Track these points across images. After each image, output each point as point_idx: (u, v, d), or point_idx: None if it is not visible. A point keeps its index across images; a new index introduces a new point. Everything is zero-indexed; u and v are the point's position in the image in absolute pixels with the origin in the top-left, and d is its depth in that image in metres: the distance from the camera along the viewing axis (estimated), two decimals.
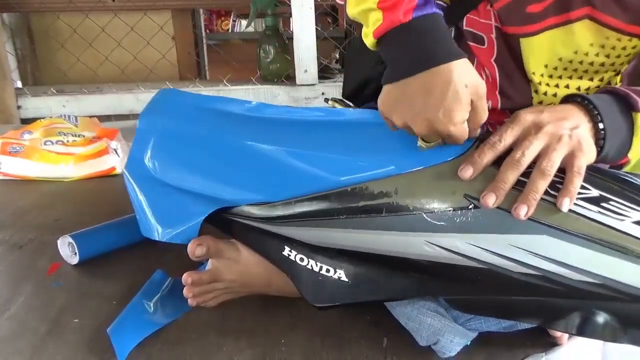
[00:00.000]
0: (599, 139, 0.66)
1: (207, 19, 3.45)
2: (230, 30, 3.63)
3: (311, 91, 2.30)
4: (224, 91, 2.31)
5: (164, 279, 0.95)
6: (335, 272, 0.75)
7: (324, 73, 2.33)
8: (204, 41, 2.97)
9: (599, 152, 0.67)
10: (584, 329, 0.66)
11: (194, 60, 2.82)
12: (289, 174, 0.76)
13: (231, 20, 3.69)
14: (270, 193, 0.76)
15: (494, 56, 0.85)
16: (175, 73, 2.71)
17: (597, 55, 0.79)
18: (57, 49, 2.54)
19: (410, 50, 0.67)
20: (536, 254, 0.63)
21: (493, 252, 0.64)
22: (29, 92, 2.29)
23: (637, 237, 0.62)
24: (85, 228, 1.09)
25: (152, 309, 0.88)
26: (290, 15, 2.27)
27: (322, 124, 0.80)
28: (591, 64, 0.80)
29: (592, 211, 0.63)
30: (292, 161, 0.75)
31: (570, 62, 0.81)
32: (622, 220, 0.63)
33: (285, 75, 2.35)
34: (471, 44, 0.86)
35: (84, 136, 1.66)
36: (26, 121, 2.15)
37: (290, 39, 2.30)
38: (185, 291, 0.86)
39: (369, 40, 0.72)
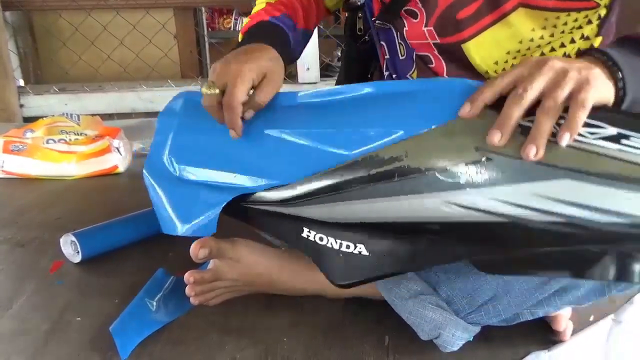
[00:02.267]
0: (618, 79, 0.61)
1: (209, 17, 3.44)
2: (232, 29, 3.62)
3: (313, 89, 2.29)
4: None
5: (166, 278, 0.95)
6: (355, 247, 0.74)
7: (326, 71, 2.33)
8: (206, 39, 2.97)
9: (618, 93, 0.61)
10: (621, 274, 0.60)
11: (196, 58, 2.82)
12: (301, 155, 0.76)
13: (233, 19, 3.68)
14: (285, 176, 0.76)
15: (445, 71, 0.86)
16: (177, 71, 2.71)
17: (541, 37, 0.79)
18: (59, 48, 2.55)
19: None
20: (559, 200, 0.59)
21: (514, 204, 0.61)
22: (31, 91, 2.29)
23: None
24: (88, 226, 1.09)
25: (155, 307, 0.88)
26: None
27: (325, 103, 0.80)
28: (539, 46, 0.80)
29: (612, 149, 0.59)
30: (303, 142, 0.76)
31: (518, 51, 0.80)
32: None
33: (287, 73, 2.35)
34: (430, 65, 0.87)
35: (86, 135, 1.66)
36: (28, 120, 2.16)
37: None
38: (187, 290, 0.86)
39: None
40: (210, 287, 0.87)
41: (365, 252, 0.73)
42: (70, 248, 1.05)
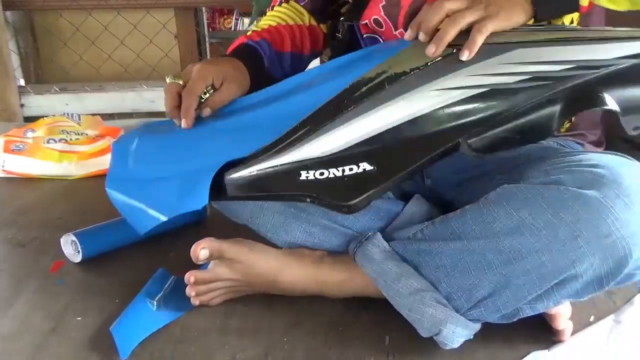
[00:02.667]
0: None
1: (210, 17, 3.44)
2: (233, 29, 3.62)
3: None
4: None
5: (167, 278, 0.95)
6: (358, 167, 0.76)
7: None
8: (207, 39, 2.97)
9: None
10: (587, 104, 0.76)
11: (197, 58, 2.82)
12: (288, 106, 0.83)
13: (234, 19, 3.68)
14: (274, 131, 0.79)
15: None
16: (177, 71, 2.71)
17: None
18: (60, 47, 2.55)
19: None
20: (520, 62, 0.74)
21: (489, 74, 0.74)
22: (32, 90, 2.29)
23: (577, 30, 0.82)
24: (88, 226, 1.09)
25: (155, 307, 0.88)
26: None
27: (292, 88, 0.87)
28: None
29: (544, 30, 0.78)
30: (288, 98, 0.85)
31: None
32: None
33: None
34: None
35: (86, 134, 1.66)
36: (29, 119, 2.15)
37: None
38: (187, 290, 0.87)
39: None
40: (211, 287, 0.87)
41: (369, 167, 0.76)
42: (70, 248, 1.05)
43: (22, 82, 2.45)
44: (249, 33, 1.00)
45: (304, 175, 0.77)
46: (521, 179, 0.78)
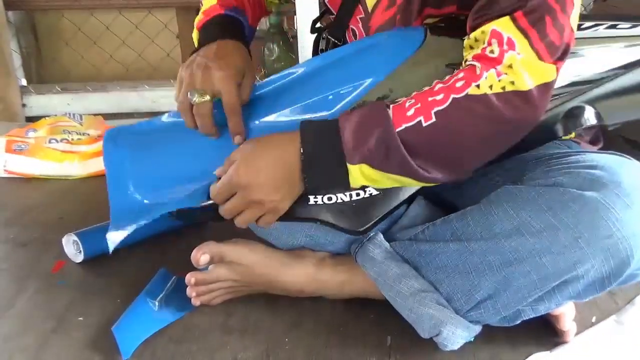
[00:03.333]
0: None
1: None
2: None
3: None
4: None
5: (168, 278, 0.95)
6: (364, 191, 0.78)
7: None
8: None
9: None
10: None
11: None
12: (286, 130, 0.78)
13: None
14: None
15: None
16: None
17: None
18: (62, 47, 2.54)
19: None
20: None
21: None
22: (33, 90, 2.29)
23: None
24: (90, 226, 1.09)
25: (157, 307, 0.88)
26: (295, 14, 2.26)
27: (285, 84, 0.85)
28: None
29: None
30: (280, 121, 0.81)
31: None
32: None
33: None
34: None
35: (88, 134, 1.66)
36: (31, 119, 2.15)
37: (295, 37, 2.29)
38: (188, 291, 0.87)
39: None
40: (211, 287, 0.87)
41: (374, 192, 0.78)
42: (72, 248, 1.05)
43: (23, 82, 2.45)
44: (212, 1, 0.93)
45: (312, 199, 0.78)
46: (521, 179, 0.78)
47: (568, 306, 0.80)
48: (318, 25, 0.98)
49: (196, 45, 0.89)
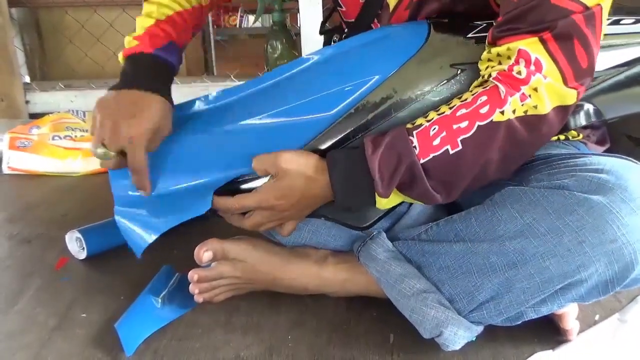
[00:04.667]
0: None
1: (215, 15, 3.44)
2: (237, 26, 3.63)
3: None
4: (231, 86, 2.31)
5: (171, 275, 0.95)
6: None
7: None
8: (212, 36, 2.97)
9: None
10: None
11: (202, 55, 2.82)
12: (286, 131, 0.79)
13: (239, 16, 3.69)
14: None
15: None
16: (182, 68, 2.70)
17: None
18: (65, 44, 2.55)
19: None
20: None
21: None
22: (37, 87, 2.29)
23: None
24: (93, 223, 1.09)
25: (160, 304, 0.88)
26: (298, 11, 2.26)
27: (287, 79, 0.84)
28: None
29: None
30: (280, 121, 0.80)
31: None
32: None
33: None
34: None
35: None
36: (34, 116, 2.15)
37: (298, 34, 2.29)
38: (191, 287, 0.87)
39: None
40: (214, 284, 0.87)
41: None
42: (75, 244, 1.05)
43: (27, 79, 2.46)
44: (150, 22, 0.89)
45: None
46: (526, 180, 0.78)
47: (571, 305, 0.80)
48: (327, 26, 0.98)
49: (121, 69, 0.87)
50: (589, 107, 0.83)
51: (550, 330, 0.82)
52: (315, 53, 0.84)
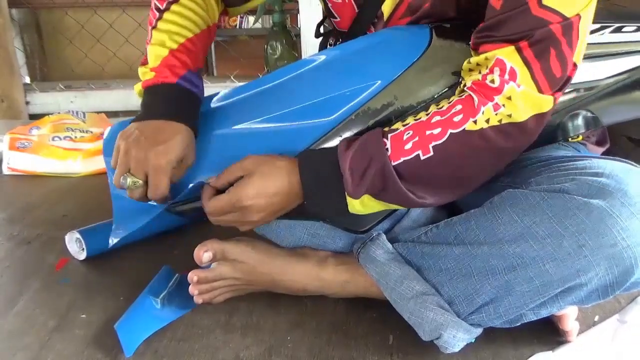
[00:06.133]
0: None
1: None
2: (238, 27, 3.62)
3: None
4: (231, 87, 2.31)
5: (171, 276, 0.95)
6: None
7: None
8: None
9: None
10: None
11: None
12: (284, 136, 0.79)
13: (239, 17, 3.68)
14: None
15: None
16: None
17: None
18: (66, 45, 2.55)
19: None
20: None
21: None
22: (37, 88, 2.30)
23: None
24: (93, 224, 1.09)
25: (159, 305, 0.88)
26: (298, 12, 2.26)
27: (286, 81, 0.83)
28: None
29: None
30: (279, 125, 0.80)
31: None
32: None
33: None
34: None
35: (91, 132, 1.67)
36: (34, 117, 2.16)
37: (298, 35, 2.30)
38: (190, 288, 0.87)
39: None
40: (214, 285, 0.87)
41: None
42: (75, 245, 1.05)
43: (27, 80, 2.46)
44: (163, 52, 0.86)
45: None
46: (526, 183, 0.78)
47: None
48: (322, 29, 0.98)
49: (140, 103, 0.86)
50: (586, 114, 0.83)
51: (550, 331, 0.82)
52: (316, 55, 0.84)
